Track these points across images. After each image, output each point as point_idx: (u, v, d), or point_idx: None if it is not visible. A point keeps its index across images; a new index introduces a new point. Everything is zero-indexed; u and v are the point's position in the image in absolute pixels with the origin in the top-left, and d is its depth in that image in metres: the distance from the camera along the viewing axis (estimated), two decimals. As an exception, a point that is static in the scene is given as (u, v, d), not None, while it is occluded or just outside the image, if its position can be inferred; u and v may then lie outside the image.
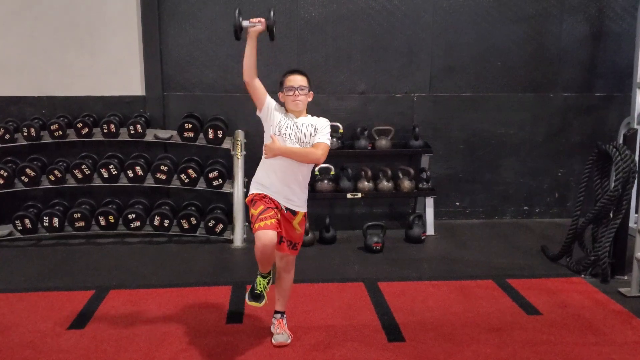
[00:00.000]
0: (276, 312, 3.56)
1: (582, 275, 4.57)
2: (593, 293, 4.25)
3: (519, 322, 3.79)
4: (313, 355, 3.37)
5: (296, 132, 3.23)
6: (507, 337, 3.58)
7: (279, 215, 3.25)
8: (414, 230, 5.44)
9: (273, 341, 3.47)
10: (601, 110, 6.11)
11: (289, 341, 3.46)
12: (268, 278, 3.39)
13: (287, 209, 3.28)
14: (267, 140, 3.29)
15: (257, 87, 3.23)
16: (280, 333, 3.48)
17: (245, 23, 3.17)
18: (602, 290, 4.29)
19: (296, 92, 3.22)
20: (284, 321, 3.54)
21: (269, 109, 3.26)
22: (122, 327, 3.75)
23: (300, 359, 3.33)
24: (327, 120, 3.32)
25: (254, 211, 3.21)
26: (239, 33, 3.19)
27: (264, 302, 3.34)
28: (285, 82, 3.26)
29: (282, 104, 3.33)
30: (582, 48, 6.01)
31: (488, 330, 3.68)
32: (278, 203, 3.26)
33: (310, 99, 3.33)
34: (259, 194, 3.27)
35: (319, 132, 3.26)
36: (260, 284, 3.36)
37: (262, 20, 3.18)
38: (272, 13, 3.20)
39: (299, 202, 3.32)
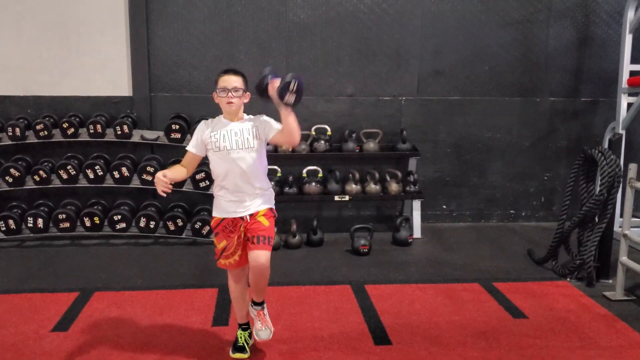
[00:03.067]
0: (254, 303, 3.30)
1: (568, 279, 4.60)
2: (578, 297, 4.28)
3: (505, 326, 3.80)
4: (299, 357, 3.35)
5: (236, 140, 3.06)
6: (493, 341, 3.59)
7: (241, 239, 3.14)
8: (401, 233, 5.45)
9: (256, 337, 3.29)
10: (587, 115, 6.17)
11: (271, 336, 3.29)
12: (248, 331, 3.39)
13: (250, 215, 3.14)
14: (212, 162, 3.14)
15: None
16: (262, 328, 3.27)
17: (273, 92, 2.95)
18: (588, 293, 4.32)
19: (230, 94, 3.03)
20: (265, 312, 3.31)
21: (201, 143, 3.11)
22: (107, 329, 3.71)
23: (287, 362, 3.32)
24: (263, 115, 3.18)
25: (216, 244, 3.24)
26: (263, 92, 3.01)
27: (248, 354, 3.34)
28: (219, 82, 3.07)
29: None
30: (568, 53, 6.06)
31: (474, 333, 3.68)
32: (237, 220, 3.13)
33: (246, 101, 3.13)
34: (219, 221, 3.17)
35: (267, 125, 3.10)
36: (241, 337, 3.37)
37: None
38: (294, 80, 2.90)
39: (259, 203, 3.15)
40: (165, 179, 2.97)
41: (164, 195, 3.03)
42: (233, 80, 3.06)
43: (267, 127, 3.12)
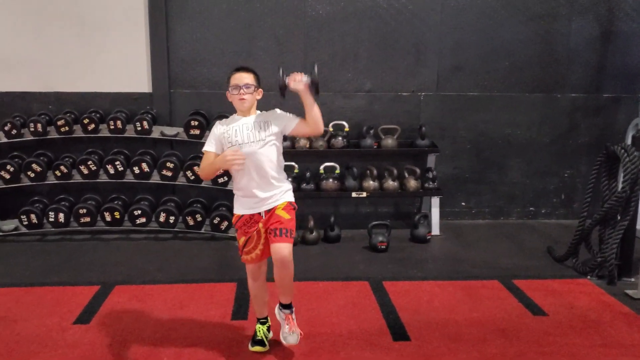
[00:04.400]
0: (282, 306, 3.29)
1: (589, 277, 4.55)
2: (599, 294, 4.23)
3: (525, 323, 3.77)
4: (318, 353, 3.36)
5: (248, 134, 3.10)
6: (513, 338, 3.57)
7: (261, 235, 3.17)
8: (420, 230, 5.42)
9: (283, 341, 3.27)
10: (609, 111, 6.08)
11: (299, 340, 3.28)
12: (267, 324, 3.42)
13: (267, 210, 3.16)
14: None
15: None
16: (291, 332, 3.24)
17: (295, 85, 3.02)
18: (609, 292, 4.27)
19: (241, 91, 3.08)
20: (293, 316, 3.28)
21: (219, 142, 3.16)
22: (128, 322, 3.75)
23: (305, 357, 3.32)
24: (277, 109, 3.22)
25: (238, 240, 3.30)
26: (284, 92, 3.05)
27: (267, 348, 3.37)
28: (231, 80, 3.13)
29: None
30: (591, 48, 5.97)
31: (494, 330, 3.66)
32: (255, 216, 3.18)
33: (258, 97, 3.19)
34: (239, 217, 3.22)
35: (284, 118, 3.15)
36: (260, 331, 3.40)
37: (304, 78, 3.03)
38: (315, 68, 3.02)
39: (277, 198, 3.17)
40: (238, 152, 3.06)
41: (239, 168, 3.09)
42: (244, 77, 3.12)
43: (285, 120, 3.15)
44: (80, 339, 3.53)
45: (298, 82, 3.00)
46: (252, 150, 3.09)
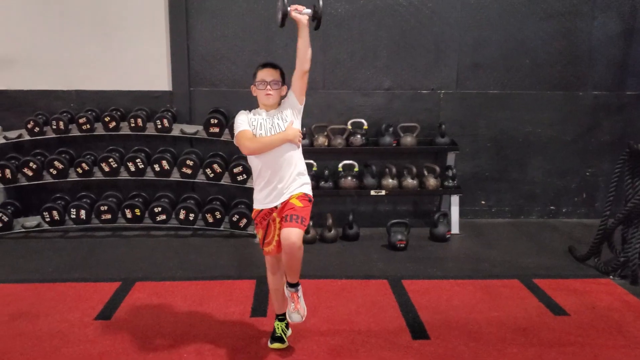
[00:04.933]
0: (289, 284, 3.25)
1: (611, 277, 4.49)
2: (622, 295, 4.18)
3: (546, 323, 3.74)
4: (338, 351, 3.37)
5: (271, 127, 3.15)
6: (533, 337, 3.54)
7: (277, 225, 3.20)
8: (439, 229, 5.40)
9: (288, 319, 3.31)
10: (632, 109, 5.99)
11: (304, 319, 3.27)
12: (285, 321, 3.43)
13: (282, 202, 3.18)
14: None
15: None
16: (295, 311, 3.25)
17: (298, 14, 3.05)
18: (632, 292, 4.22)
19: (268, 87, 3.13)
20: (299, 294, 3.26)
21: (251, 125, 3.19)
22: (148, 318, 3.79)
23: (324, 355, 3.33)
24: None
25: (257, 234, 3.37)
26: (285, 20, 3.06)
27: (286, 344, 3.39)
28: (258, 75, 3.17)
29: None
30: (613, 45, 5.89)
31: (514, 329, 3.64)
32: (273, 210, 3.20)
33: (283, 94, 3.22)
34: (258, 212, 3.26)
35: (288, 96, 3.21)
36: (279, 328, 3.42)
37: (305, 10, 3.08)
38: (320, 2, 3.06)
39: (293, 189, 3.17)
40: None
41: (299, 146, 3.19)
42: (272, 74, 3.15)
43: (289, 98, 3.22)
44: (101, 335, 3.57)
45: (300, 12, 3.04)
46: None
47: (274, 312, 3.54)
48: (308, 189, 3.25)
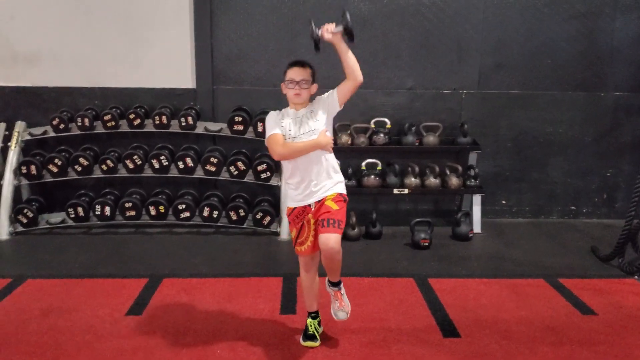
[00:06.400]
0: (331, 283, 3.35)
1: (636, 277, 4.50)
2: (648, 295, 4.19)
3: (574, 322, 3.75)
4: (370, 348, 3.39)
5: (300, 126, 3.16)
6: (563, 336, 3.55)
7: (311, 227, 3.21)
8: (462, 228, 5.42)
9: (334, 316, 3.38)
10: (654, 110, 6.01)
11: (349, 316, 3.39)
12: (318, 319, 3.46)
13: (317, 201, 3.20)
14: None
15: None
16: (340, 309, 3.35)
17: (329, 35, 3.04)
18: (658, 292, 4.23)
19: (297, 86, 3.13)
20: (342, 292, 3.36)
21: (280, 127, 3.20)
22: (178, 314, 3.81)
23: (358, 352, 3.34)
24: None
25: (291, 233, 3.38)
26: (318, 45, 3.07)
27: (318, 342, 3.41)
28: (288, 73, 3.16)
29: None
30: (635, 46, 5.90)
31: (543, 328, 3.65)
32: (307, 208, 3.22)
33: (313, 92, 3.22)
34: (291, 210, 3.28)
35: (325, 99, 3.19)
36: (311, 326, 3.44)
37: (335, 27, 3.05)
38: (347, 15, 3.03)
39: (326, 189, 3.19)
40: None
41: (331, 152, 3.20)
42: (301, 73, 3.14)
43: (326, 99, 3.20)
44: (134, 330, 3.60)
45: (330, 32, 3.02)
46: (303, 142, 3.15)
47: (303, 309, 3.57)
48: (342, 188, 3.27)
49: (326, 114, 3.19)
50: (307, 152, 3.13)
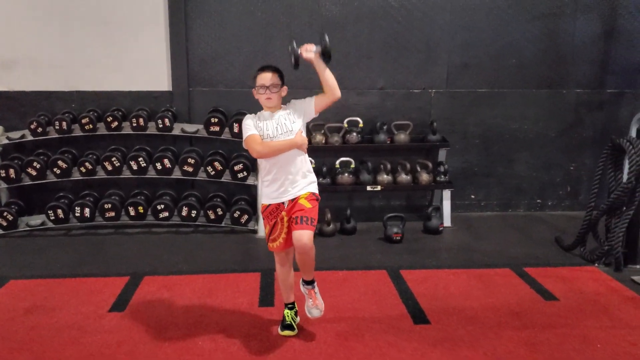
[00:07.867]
0: (305, 282, 3.49)
1: (596, 264, 4.75)
2: (607, 281, 4.43)
3: (538, 307, 3.97)
4: (344, 336, 3.56)
5: (277, 126, 3.30)
6: (527, 321, 3.76)
7: (284, 224, 3.37)
8: (432, 222, 5.62)
9: (308, 314, 3.51)
10: (613, 106, 6.29)
11: (322, 313, 3.52)
12: (294, 309, 3.62)
13: (290, 199, 3.34)
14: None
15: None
16: (314, 307, 3.49)
17: (308, 54, 3.21)
18: (616, 278, 4.47)
19: (268, 91, 3.27)
20: (315, 290, 3.50)
21: (258, 128, 3.34)
22: (161, 309, 3.94)
23: (333, 341, 3.51)
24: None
25: (265, 229, 3.52)
26: (297, 62, 3.24)
27: (295, 331, 3.57)
28: (257, 80, 3.29)
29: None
30: (594, 46, 6.17)
31: (508, 314, 3.86)
32: (281, 206, 3.36)
33: (284, 94, 3.37)
34: (265, 207, 3.43)
35: (301, 104, 3.36)
36: (288, 316, 3.60)
37: (314, 48, 3.22)
38: (326, 37, 3.21)
39: (300, 187, 3.34)
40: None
41: (305, 152, 3.37)
42: (270, 78, 3.29)
43: (303, 105, 3.38)
44: (118, 325, 3.72)
45: (309, 51, 3.21)
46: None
47: (281, 302, 3.72)
48: (315, 188, 3.44)
49: (302, 118, 3.37)
50: (284, 151, 3.28)
